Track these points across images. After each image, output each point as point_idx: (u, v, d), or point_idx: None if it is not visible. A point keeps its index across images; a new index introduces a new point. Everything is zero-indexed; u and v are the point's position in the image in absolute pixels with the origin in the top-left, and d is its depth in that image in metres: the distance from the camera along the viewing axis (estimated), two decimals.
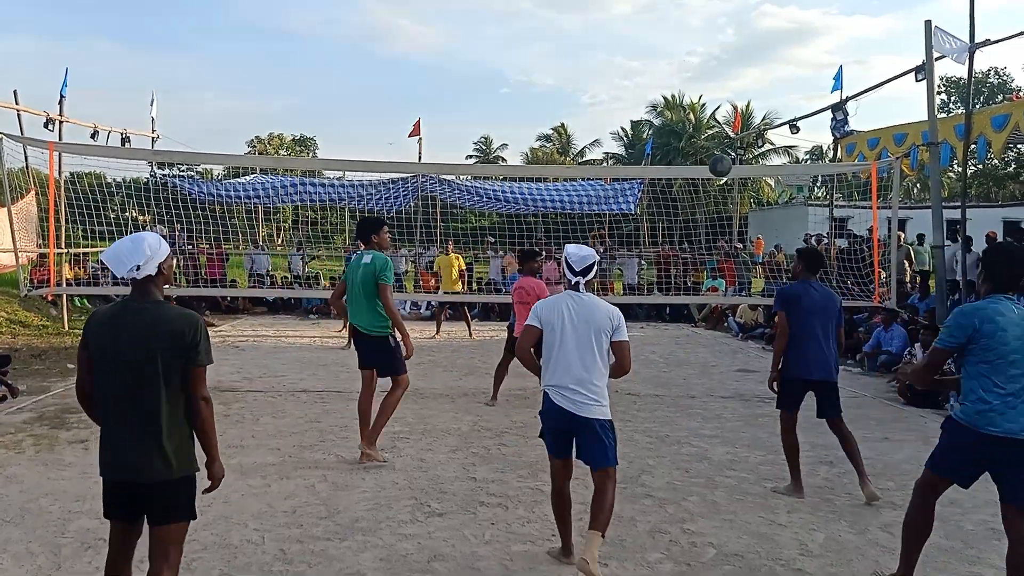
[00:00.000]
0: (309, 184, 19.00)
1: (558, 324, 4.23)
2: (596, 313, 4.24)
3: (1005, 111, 10.89)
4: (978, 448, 3.75)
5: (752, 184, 37.40)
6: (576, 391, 4.17)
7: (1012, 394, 3.67)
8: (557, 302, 4.32)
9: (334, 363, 11.05)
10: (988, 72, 43.24)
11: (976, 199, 35.96)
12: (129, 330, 3.07)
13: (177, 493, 3.12)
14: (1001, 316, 3.69)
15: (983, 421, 3.71)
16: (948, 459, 3.91)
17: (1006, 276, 3.82)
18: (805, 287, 5.78)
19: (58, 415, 7.52)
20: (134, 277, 3.10)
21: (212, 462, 3.25)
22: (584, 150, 47.96)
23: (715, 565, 4.42)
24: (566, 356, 4.20)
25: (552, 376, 4.25)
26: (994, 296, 3.79)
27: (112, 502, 3.17)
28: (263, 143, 47.28)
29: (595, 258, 4.41)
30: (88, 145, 13.91)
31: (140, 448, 3.06)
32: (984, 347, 3.70)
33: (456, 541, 4.67)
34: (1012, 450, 3.68)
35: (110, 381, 3.09)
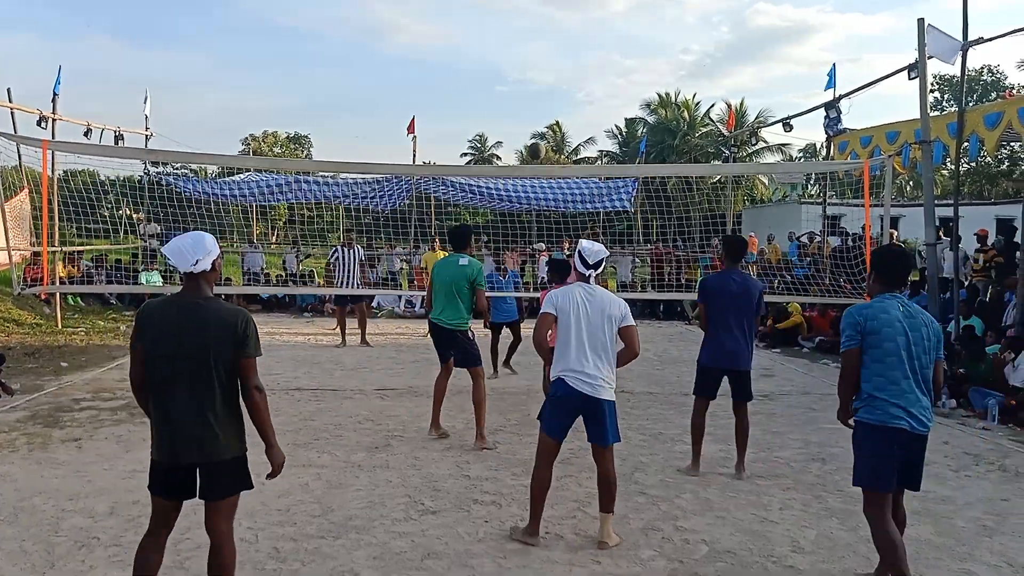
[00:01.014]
0: (303, 182, 18.97)
1: (573, 312, 4.58)
2: (606, 302, 4.62)
3: (998, 109, 10.91)
4: (890, 443, 3.88)
5: (746, 182, 37.44)
6: (592, 375, 4.53)
7: (903, 389, 3.87)
8: (571, 292, 4.66)
9: (328, 361, 11.06)
10: (981, 70, 43.36)
11: (969, 197, 36.06)
12: (186, 323, 3.30)
13: (230, 471, 3.39)
14: (885, 314, 3.90)
15: (885, 416, 3.88)
16: (873, 469, 3.93)
17: (892, 274, 4.07)
18: (725, 278, 6.05)
19: (51, 414, 7.51)
20: (191, 271, 3.34)
21: (270, 448, 3.48)
22: (579, 148, 47.95)
23: (708, 562, 4.44)
24: (581, 341, 4.54)
25: (569, 361, 4.56)
26: (881, 295, 4.01)
27: (166, 483, 3.38)
28: (257, 141, 47.14)
29: (606, 253, 4.81)
30: (82, 143, 13.87)
31: (195, 433, 3.29)
32: (872, 344, 3.90)
33: (450, 539, 4.69)
34: (908, 441, 3.89)
35: (166, 371, 3.30)
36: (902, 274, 4.16)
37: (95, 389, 8.65)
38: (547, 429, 4.64)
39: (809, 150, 40.25)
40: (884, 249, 4.56)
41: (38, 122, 13.62)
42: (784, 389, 9.78)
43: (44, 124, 13.68)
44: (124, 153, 14.15)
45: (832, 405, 4.38)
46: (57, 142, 13.13)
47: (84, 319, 14.38)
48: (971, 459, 6.73)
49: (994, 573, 4.39)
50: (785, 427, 7.65)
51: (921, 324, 3.93)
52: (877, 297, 4.04)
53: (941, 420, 8.17)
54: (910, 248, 19.63)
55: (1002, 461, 6.68)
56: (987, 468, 6.48)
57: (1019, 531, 5.03)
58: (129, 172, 18.42)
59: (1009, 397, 8.28)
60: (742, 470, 6.04)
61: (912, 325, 3.91)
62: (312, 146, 50.28)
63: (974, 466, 6.53)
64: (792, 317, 13.94)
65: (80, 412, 7.62)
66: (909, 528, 4.91)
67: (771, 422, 7.88)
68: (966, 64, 10.59)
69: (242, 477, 3.44)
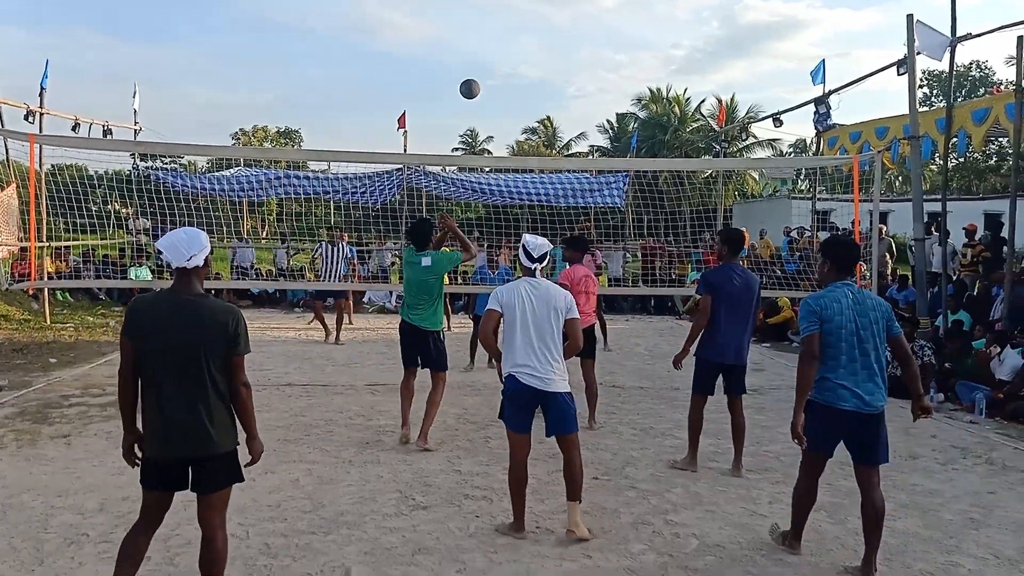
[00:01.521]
0: (294, 176, 18.88)
1: (519, 307, 4.60)
2: (552, 295, 4.65)
3: (985, 104, 10.98)
4: (833, 421, 4.21)
5: (736, 177, 37.51)
6: (543, 368, 4.54)
7: (850, 372, 4.18)
8: (516, 287, 4.69)
9: (319, 357, 11.03)
10: (970, 66, 43.58)
11: (957, 192, 36.25)
12: (178, 319, 3.32)
13: (223, 464, 3.43)
14: (836, 303, 4.22)
15: (833, 397, 4.19)
16: (815, 438, 4.26)
17: (842, 262, 4.38)
18: (729, 272, 6.00)
19: (40, 410, 7.47)
20: (184, 266, 3.36)
21: (252, 439, 3.55)
22: (570, 143, 47.90)
23: (698, 556, 4.46)
24: (529, 336, 4.57)
25: (518, 357, 4.57)
26: (833, 284, 4.32)
27: (159, 477, 3.42)
28: (247, 135, 46.93)
29: (550, 247, 4.86)
30: (69, 137, 13.79)
31: (189, 428, 3.32)
32: (826, 331, 4.21)
33: (441, 534, 4.69)
34: (853, 421, 4.19)
35: (159, 366, 3.32)
36: (852, 261, 4.48)
37: (84, 385, 8.61)
38: (510, 426, 4.65)
39: (799, 145, 40.36)
40: (834, 239, 4.76)
41: (25, 116, 13.53)
42: (774, 383, 9.83)
43: (31, 118, 13.59)
44: (112, 146, 14.08)
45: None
46: (45, 136, 13.04)
47: (73, 315, 14.30)
48: (958, 452, 6.78)
49: (981, 565, 4.43)
50: (775, 421, 7.69)
51: (869, 308, 4.25)
52: (829, 286, 4.35)
53: None
54: (899, 243, 19.75)
55: (989, 454, 6.73)
56: (974, 461, 6.53)
57: (1005, 524, 5.07)
58: (118, 167, 18.24)
59: (996, 391, 8.34)
60: (740, 467, 5.98)
61: (860, 311, 4.23)
62: (302, 140, 50.16)
63: (961, 459, 6.58)
64: (782, 312, 13.99)
65: (69, 408, 7.58)
66: (896, 521, 4.97)
67: (760, 416, 7.92)
68: (954, 60, 10.65)
69: (234, 471, 3.49)
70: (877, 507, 4.23)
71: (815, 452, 4.33)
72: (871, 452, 4.25)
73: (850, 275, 4.40)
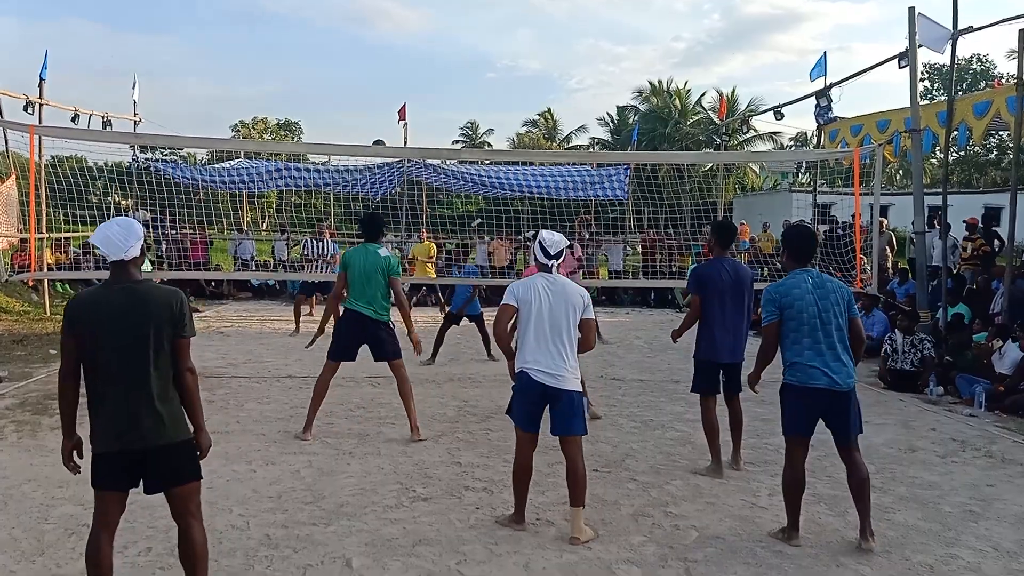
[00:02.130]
0: (294, 169, 18.85)
1: (535, 303, 4.54)
2: (568, 293, 4.59)
3: (986, 98, 10.95)
4: (808, 400, 4.41)
5: (737, 170, 37.47)
6: (554, 365, 4.49)
7: (817, 352, 4.37)
8: (533, 282, 4.63)
9: (319, 348, 10.99)
10: (971, 59, 43.43)
11: (958, 186, 36.19)
12: (119, 308, 3.23)
13: (181, 455, 3.35)
14: (796, 289, 4.43)
15: (805, 377, 4.40)
16: (792, 420, 4.50)
17: (801, 251, 4.59)
18: (716, 267, 5.87)
19: (40, 401, 7.48)
20: (121, 259, 3.27)
21: (199, 431, 3.43)
22: (571, 135, 47.86)
23: (697, 547, 4.48)
24: (544, 333, 4.52)
25: (531, 353, 4.52)
26: (794, 271, 4.53)
27: (110, 473, 3.30)
28: (247, 127, 46.84)
29: (567, 243, 4.80)
30: (69, 128, 13.74)
31: (139, 417, 3.24)
32: (788, 317, 4.43)
33: (441, 525, 4.70)
34: (827, 399, 4.39)
35: (103, 358, 3.23)
36: (809, 251, 4.66)
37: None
38: (518, 423, 4.60)
39: (800, 138, 40.30)
40: (792, 229, 4.91)
41: (25, 107, 13.49)
42: (774, 376, 9.77)
43: (31, 109, 13.55)
44: (112, 137, 14.00)
45: None
46: (44, 127, 12.99)
47: None
48: (958, 445, 6.79)
49: (979, 558, 4.44)
50: (774, 414, 7.63)
51: (829, 292, 4.44)
52: (790, 273, 4.55)
53: (928, 407, 8.25)
54: (900, 236, 19.74)
55: (988, 447, 6.74)
56: (973, 454, 6.54)
57: (1004, 516, 5.08)
58: (117, 158, 18.22)
59: (997, 383, 8.35)
60: (739, 460, 5.96)
61: (821, 295, 4.42)
62: (303, 132, 50.06)
63: (961, 452, 6.59)
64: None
65: None
66: (895, 513, 4.99)
67: (760, 409, 7.91)
68: (956, 53, 10.62)
69: (194, 462, 3.41)
70: (861, 476, 4.46)
71: (794, 435, 4.53)
72: (848, 428, 4.46)
73: (809, 263, 4.61)
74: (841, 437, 4.51)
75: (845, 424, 4.45)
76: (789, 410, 4.51)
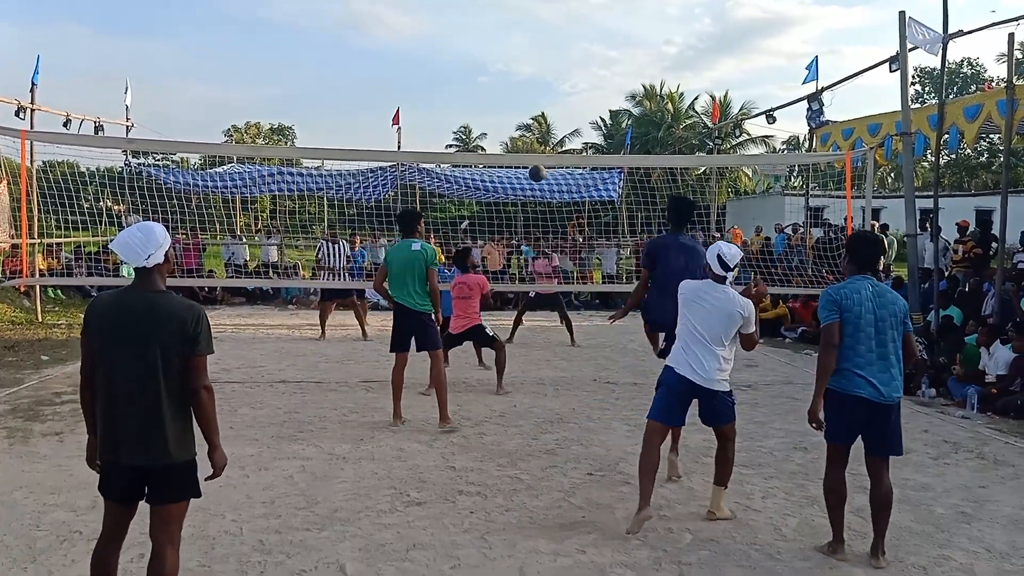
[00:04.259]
0: (287, 173, 18.81)
1: (691, 310, 4.80)
2: (732, 305, 4.72)
3: (977, 101, 11.03)
4: (849, 408, 4.32)
5: (730, 174, 37.58)
6: (704, 367, 4.71)
7: (868, 362, 4.28)
8: (854, 290, 4.61)
9: (313, 353, 11.02)
10: (961, 63, 43.72)
11: (949, 189, 36.38)
12: (133, 317, 3.15)
13: (178, 476, 3.22)
14: (857, 294, 4.34)
15: (848, 384, 4.30)
16: (833, 426, 4.41)
17: (865, 258, 4.51)
18: (674, 239, 6.00)
19: (32, 407, 7.45)
20: (143, 266, 3.18)
21: (214, 450, 3.30)
22: (564, 139, 47.90)
23: (691, 550, 4.48)
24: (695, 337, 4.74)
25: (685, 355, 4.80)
26: (854, 276, 4.45)
27: (111, 484, 3.24)
28: (240, 132, 46.80)
29: (741, 255, 4.97)
30: (61, 133, 13.70)
31: (141, 433, 3.14)
32: (845, 320, 4.31)
33: (435, 530, 4.69)
34: (868, 410, 4.30)
35: (112, 367, 3.15)
36: (874, 258, 4.59)
37: (76, 383, 8.44)
38: (658, 417, 4.83)
39: (792, 142, 40.44)
40: (859, 235, 4.94)
41: (16, 112, 13.45)
42: (767, 379, 9.86)
43: (22, 115, 13.51)
44: (104, 142, 14.00)
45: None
46: (36, 132, 12.96)
47: (65, 312, 14.24)
48: (950, 447, 6.81)
49: (972, 559, 4.45)
50: (768, 417, 7.71)
51: (888, 302, 4.36)
52: (850, 278, 4.47)
53: (920, 409, 8.27)
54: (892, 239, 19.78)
55: (980, 449, 6.76)
56: (965, 456, 6.56)
57: (996, 518, 5.10)
58: (109, 163, 18.12)
59: (990, 385, 8.38)
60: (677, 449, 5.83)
61: (880, 303, 4.34)
62: (296, 137, 50.13)
63: (953, 454, 6.61)
64: (776, 307, 14.03)
65: (61, 406, 7.55)
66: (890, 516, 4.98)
67: (754, 412, 7.95)
68: (946, 57, 10.68)
69: (191, 483, 3.26)
70: (885, 494, 4.39)
71: (835, 442, 4.45)
72: (885, 443, 4.38)
73: (871, 271, 4.53)
74: (876, 451, 4.41)
75: (881, 436, 4.36)
76: (831, 416, 4.41)
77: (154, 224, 3.27)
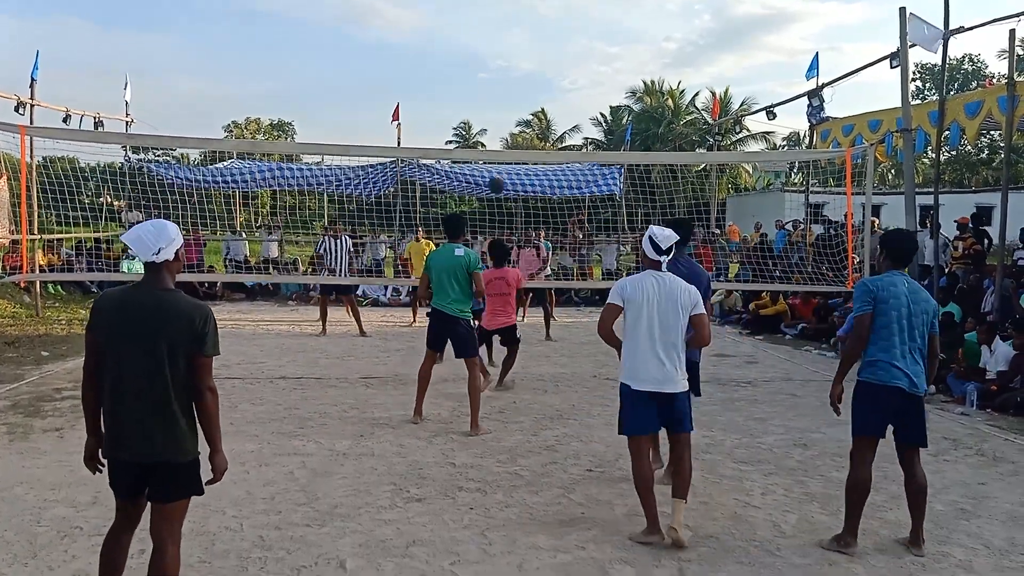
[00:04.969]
0: (287, 169, 18.81)
1: (643, 302, 4.52)
2: (679, 290, 4.56)
3: (978, 97, 11.00)
4: (885, 399, 4.38)
5: (730, 170, 37.56)
6: (662, 372, 4.49)
7: (902, 354, 4.35)
8: (642, 280, 4.58)
9: (313, 349, 11.03)
10: (962, 59, 43.65)
11: (949, 185, 36.38)
12: (142, 314, 3.15)
13: (183, 474, 3.23)
14: (894, 287, 4.40)
15: (886, 376, 4.36)
16: (867, 419, 4.45)
17: (900, 254, 4.56)
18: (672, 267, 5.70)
19: (32, 403, 7.46)
20: (152, 261, 3.19)
21: (215, 453, 3.30)
22: (564, 135, 47.87)
23: (691, 547, 4.48)
24: (651, 335, 4.49)
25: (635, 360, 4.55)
26: (890, 272, 4.51)
27: (117, 479, 3.28)
28: (240, 128, 46.74)
29: (676, 238, 4.71)
30: (61, 129, 13.68)
31: (144, 431, 3.15)
32: (879, 312, 4.38)
33: (435, 526, 4.71)
34: (903, 400, 4.38)
35: (120, 362, 3.15)
36: (908, 254, 4.64)
37: (76, 378, 8.53)
38: (631, 431, 4.61)
39: (792, 138, 40.43)
40: (895, 231, 4.99)
41: (16, 108, 13.43)
42: (767, 376, 9.86)
43: (22, 110, 13.50)
44: (104, 138, 13.95)
45: (814, 391, 4.46)
46: (35, 128, 12.93)
47: (65, 307, 14.25)
48: (950, 444, 6.82)
49: (971, 555, 4.46)
50: (768, 413, 7.72)
51: (922, 300, 4.44)
52: (886, 272, 4.52)
53: None
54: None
55: (980, 446, 6.77)
56: (965, 452, 6.57)
57: (996, 514, 5.11)
58: (110, 159, 18.15)
59: (990, 382, 8.38)
60: None
61: (915, 300, 4.40)
62: (296, 133, 49.95)
63: (952, 451, 6.62)
64: (776, 304, 14.04)
65: (62, 402, 7.56)
66: (887, 512, 5.01)
67: (754, 408, 7.96)
68: (947, 53, 10.66)
69: (194, 482, 3.27)
70: (920, 483, 4.48)
71: (866, 435, 4.46)
72: (916, 432, 4.47)
73: (905, 267, 4.57)
74: (911, 440, 4.49)
75: (919, 426, 4.46)
76: (863, 408, 4.44)
77: (168, 222, 3.30)
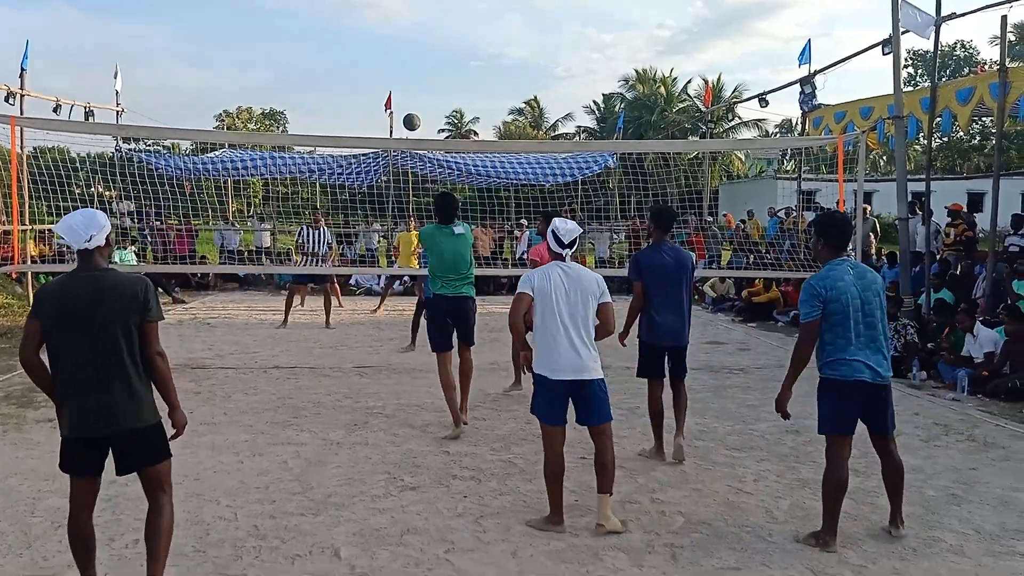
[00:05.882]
0: (279, 157, 18.73)
1: (552, 292, 4.50)
2: (586, 280, 4.57)
3: (970, 84, 11.03)
4: (852, 394, 4.29)
5: (722, 157, 37.56)
6: (575, 359, 4.45)
7: (858, 347, 4.26)
8: (549, 271, 4.57)
9: (306, 339, 11.02)
10: (955, 45, 43.65)
11: (941, 172, 36.42)
12: (85, 297, 3.33)
13: (151, 437, 3.47)
14: (841, 281, 4.26)
15: (849, 371, 4.26)
16: (835, 417, 4.34)
17: (840, 240, 4.46)
18: (656, 252, 5.82)
19: (26, 394, 7.43)
20: (85, 248, 3.38)
21: (174, 411, 3.54)
22: (557, 123, 47.76)
23: (684, 533, 4.51)
24: (563, 323, 4.46)
25: (551, 346, 4.47)
26: (832, 261, 4.36)
27: (80, 458, 3.43)
28: (232, 117, 46.48)
29: (579, 231, 4.75)
30: (51, 119, 13.61)
31: (109, 403, 3.33)
32: (830, 311, 4.25)
33: (429, 514, 4.72)
34: (868, 392, 4.29)
35: (73, 345, 3.32)
36: (846, 238, 4.57)
37: None
38: (545, 420, 4.52)
39: (785, 126, 40.42)
40: (827, 216, 4.83)
41: (6, 98, 13.37)
42: (759, 363, 9.90)
43: (12, 100, 13.42)
44: (95, 129, 13.90)
45: (806, 378, 4.44)
46: (26, 118, 12.85)
47: None
48: (940, 429, 6.86)
49: (962, 540, 4.49)
50: (760, 400, 7.75)
51: (870, 282, 4.34)
52: (828, 264, 4.38)
53: (911, 392, 8.33)
54: (884, 223, 19.86)
55: (971, 431, 6.81)
56: (956, 438, 6.61)
57: (986, 499, 5.15)
58: (100, 149, 18.01)
59: (981, 367, 8.43)
60: (680, 437, 5.81)
61: (863, 285, 4.30)
62: (288, 122, 49.80)
63: (943, 436, 6.66)
64: (768, 291, 14.07)
65: None
66: (879, 497, 5.03)
67: (746, 395, 7.99)
68: (939, 39, 10.67)
69: (165, 443, 3.53)
70: (896, 464, 4.48)
71: (837, 434, 4.35)
72: (883, 421, 4.42)
73: (844, 251, 4.48)
74: (878, 429, 4.45)
75: (883, 416, 4.40)
76: (831, 407, 4.34)
77: (97, 211, 3.50)
